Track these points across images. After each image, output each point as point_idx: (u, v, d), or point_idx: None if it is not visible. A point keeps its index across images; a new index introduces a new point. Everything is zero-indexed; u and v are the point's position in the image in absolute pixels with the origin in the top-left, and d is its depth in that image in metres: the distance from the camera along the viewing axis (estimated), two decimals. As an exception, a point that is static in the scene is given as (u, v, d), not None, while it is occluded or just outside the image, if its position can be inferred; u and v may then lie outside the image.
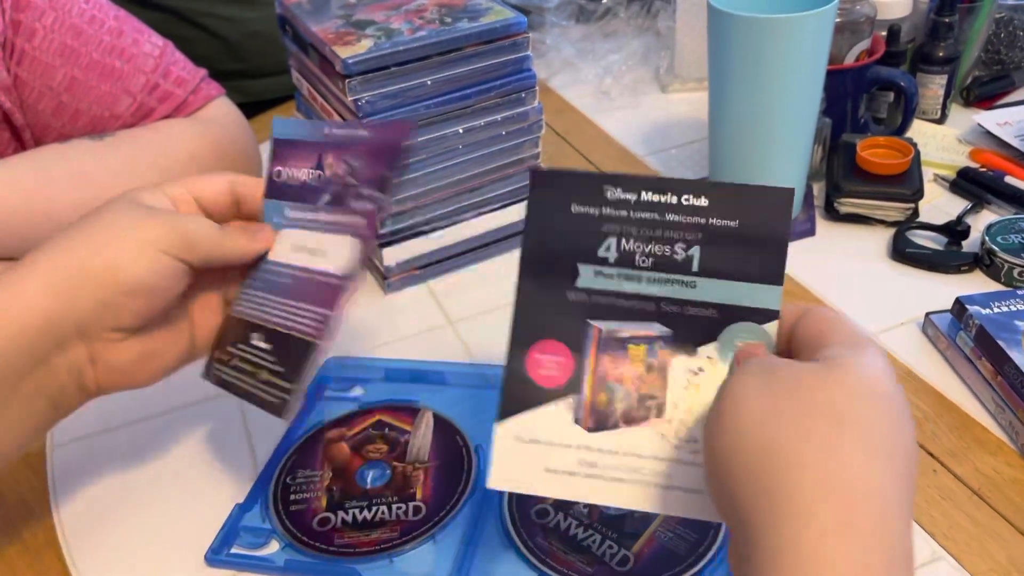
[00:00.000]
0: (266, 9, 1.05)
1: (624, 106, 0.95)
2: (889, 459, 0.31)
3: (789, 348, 0.37)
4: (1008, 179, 0.75)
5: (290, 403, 0.44)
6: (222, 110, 0.72)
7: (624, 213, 0.39)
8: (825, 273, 0.68)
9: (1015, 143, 0.79)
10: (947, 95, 0.85)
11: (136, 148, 0.65)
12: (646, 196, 0.39)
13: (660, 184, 0.39)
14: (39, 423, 0.44)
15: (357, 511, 0.50)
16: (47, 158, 0.62)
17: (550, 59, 1.02)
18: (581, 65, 1.01)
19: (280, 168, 0.50)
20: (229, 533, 0.49)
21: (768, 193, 0.37)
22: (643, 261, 0.38)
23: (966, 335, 0.57)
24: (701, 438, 0.36)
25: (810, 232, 0.72)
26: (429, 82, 0.63)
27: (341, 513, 0.50)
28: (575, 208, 0.39)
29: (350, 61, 0.60)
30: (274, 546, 0.49)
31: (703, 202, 0.38)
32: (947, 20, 0.82)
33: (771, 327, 0.37)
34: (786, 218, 0.37)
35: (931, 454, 0.52)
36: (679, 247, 0.38)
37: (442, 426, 0.55)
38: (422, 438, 0.54)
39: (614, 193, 0.39)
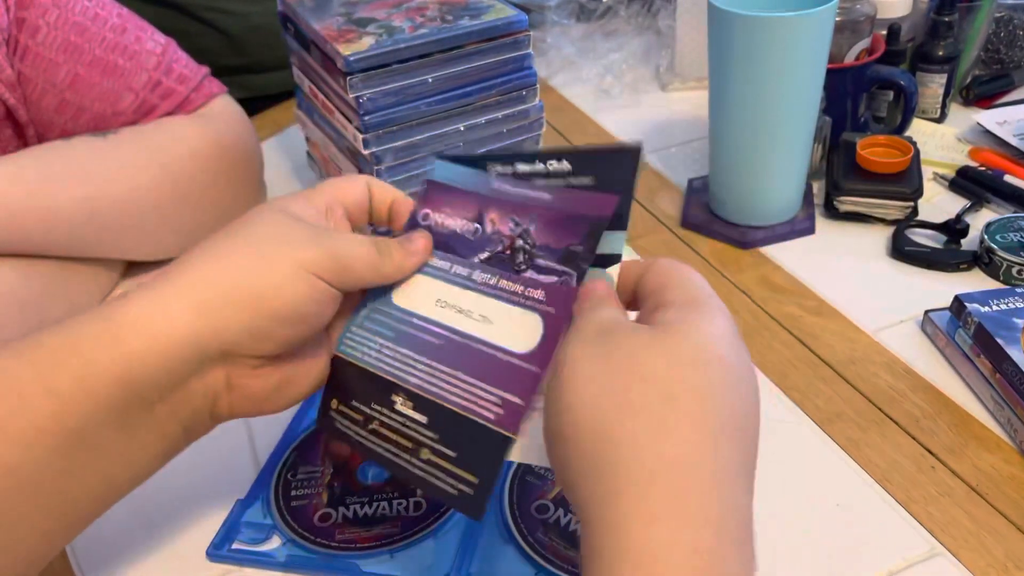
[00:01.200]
0: (268, 3, 1.05)
1: (624, 105, 0.95)
2: (722, 429, 0.30)
3: (635, 300, 0.37)
4: (1007, 178, 0.75)
5: (480, 501, 0.37)
6: (224, 107, 0.73)
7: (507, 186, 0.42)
8: (824, 271, 0.68)
9: (1014, 142, 0.79)
10: (947, 94, 0.85)
11: (138, 145, 0.66)
12: (521, 167, 0.41)
13: (530, 155, 0.41)
14: (168, 448, 0.40)
15: (358, 507, 0.50)
16: (50, 155, 0.62)
17: (551, 57, 1.03)
18: (582, 63, 1.01)
19: (428, 211, 0.44)
20: (231, 529, 0.50)
21: (618, 150, 0.39)
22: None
23: (965, 333, 0.57)
24: None
25: (810, 230, 0.72)
26: (430, 79, 0.63)
27: (342, 509, 0.50)
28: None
29: (351, 58, 0.60)
30: (275, 541, 0.49)
31: (565, 166, 0.40)
32: (947, 19, 0.82)
33: (613, 270, 0.38)
34: (631, 170, 0.38)
35: (930, 451, 0.53)
36: None
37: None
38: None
39: (494, 168, 0.42)
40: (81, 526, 0.38)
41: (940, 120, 0.86)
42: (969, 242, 0.68)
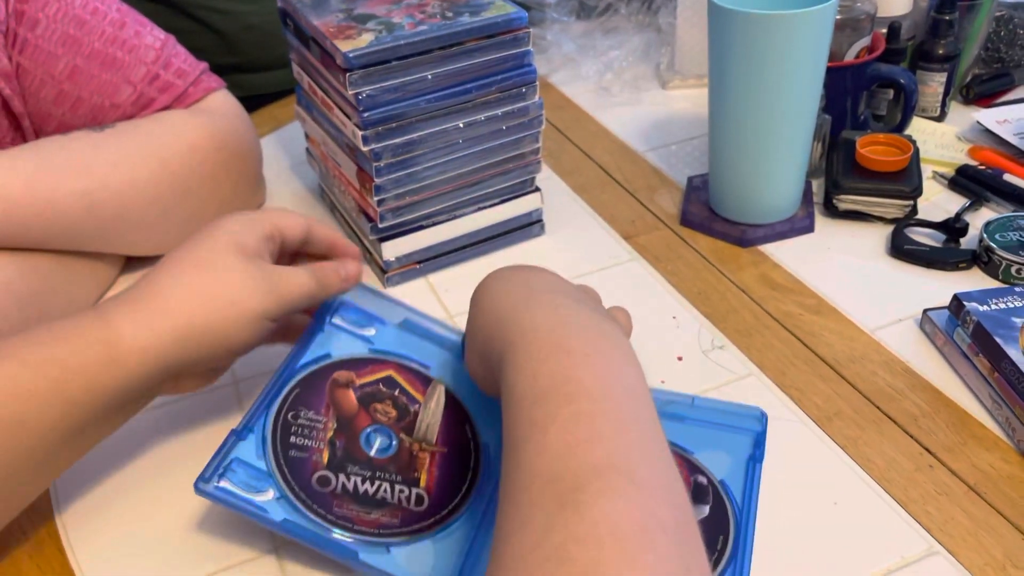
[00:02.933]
0: (263, 3, 1.05)
1: (624, 102, 0.95)
2: (542, 292, 0.45)
3: None
4: (1007, 177, 0.75)
5: None
6: (222, 102, 0.73)
7: None
8: (824, 270, 0.68)
9: (1014, 141, 0.79)
10: (947, 93, 0.85)
11: (137, 139, 0.66)
12: None
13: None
14: (126, 420, 0.50)
15: (359, 480, 0.48)
16: (48, 148, 0.62)
17: (551, 55, 1.03)
18: (582, 61, 1.01)
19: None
20: (221, 462, 0.47)
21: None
22: None
23: (963, 331, 0.57)
24: None
25: (809, 229, 0.72)
26: (430, 76, 0.63)
27: (342, 477, 0.48)
28: None
29: (351, 55, 0.60)
30: (270, 494, 0.47)
31: None
32: (947, 18, 0.82)
33: None
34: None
35: (928, 449, 0.53)
36: None
37: (452, 409, 0.53)
38: (432, 415, 0.52)
39: None
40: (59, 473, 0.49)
41: (940, 119, 0.86)
42: (968, 241, 0.68)
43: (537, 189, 0.72)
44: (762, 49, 0.63)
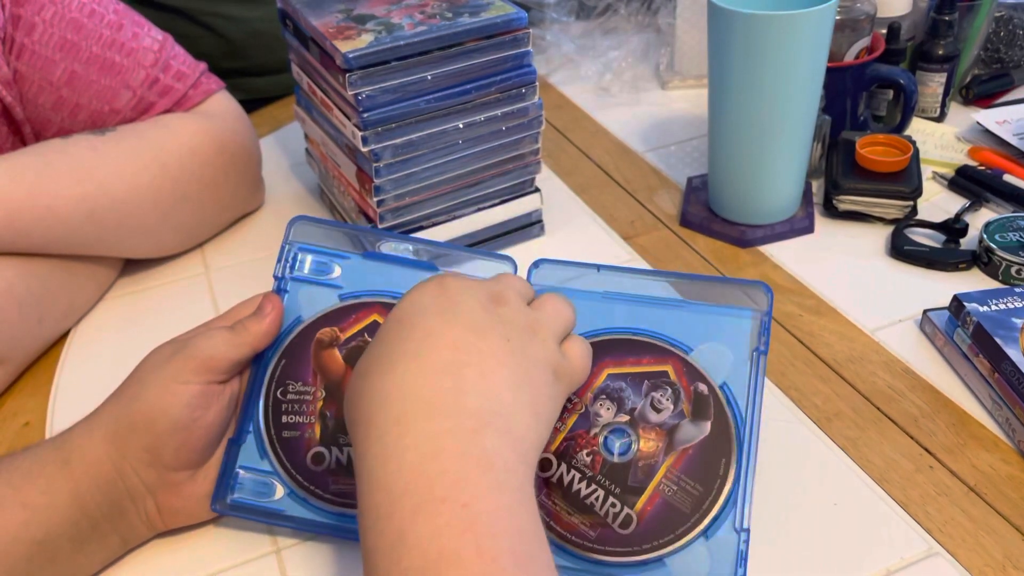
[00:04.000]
0: (268, 8, 1.05)
1: (624, 103, 0.95)
2: (404, 359, 0.38)
3: None
4: (1006, 177, 0.75)
5: None
6: (222, 104, 0.73)
7: None
8: (823, 270, 0.68)
9: (1014, 141, 0.79)
10: (946, 93, 0.85)
11: (137, 143, 0.65)
12: None
13: None
14: (108, 556, 0.47)
15: (351, 449, 0.47)
16: (49, 153, 0.62)
17: (550, 55, 1.03)
18: (581, 61, 1.01)
19: None
20: (228, 475, 0.47)
21: None
22: None
23: (963, 332, 0.57)
24: None
25: (809, 229, 0.72)
26: (429, 77, 0.63)
27: (335, 450, 0.48)
28: None
29: (351, 55, 0.60)
30: (279, 491, 0.47)
31: None
32: (947, 18, 0.82)
33: None
34: None
35: (928, 450, 0.53)
36: None
37: None
38: None
39: None
40: None
41: (940, 119, 0.86)
42: (968, 241, 0.68)
43: (537, 190, 0.72)
44: (762, 50, 0.63)
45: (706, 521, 0.44)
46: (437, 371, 0.38)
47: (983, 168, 0.77)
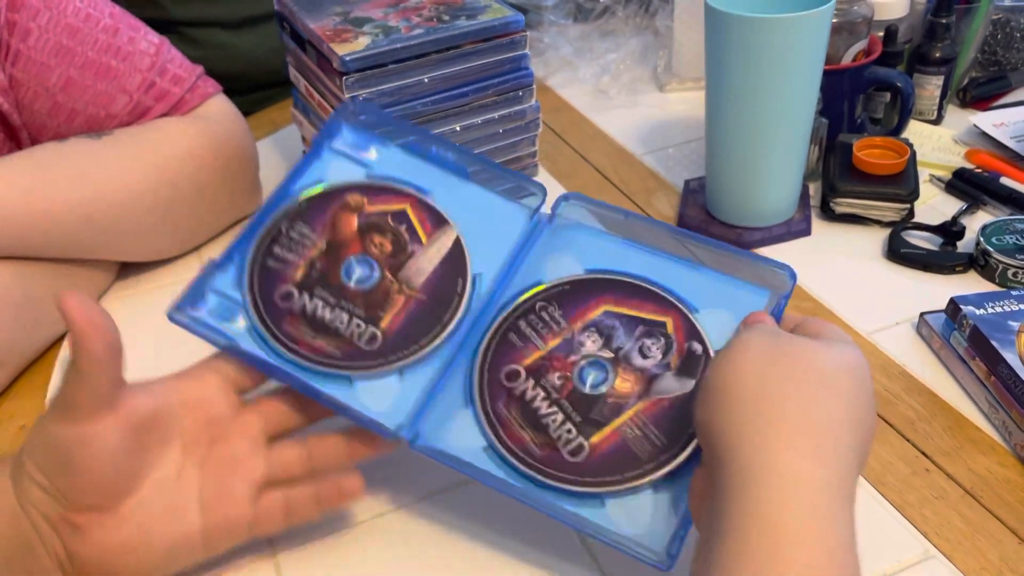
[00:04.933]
0: (274, 41, 1.03)
1: (621, 105, 0.95)
2: (857, 420, 0.38)
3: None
4: (1003, 180, 0.75)
5: None
6: (219, 108, 0.72)
7: None
8: (821, 273, 0.68)
9: (1011, 144, 0.79)
10: (943, 96, 0.85)
11: (134, 147, 0.65)
12: None
13: None
14: None
15: (321, 304, 0.47)
16: (46, 157, 0.62)
17: (548, 58, 1.03)
18: (579, 64, 1.01)
19: None
20: (196, 292, 0.46)
21: None
22: None
23: (960, 335, 0.57)
24: None
25: (806, 232, 0.72)
26: (426, 79, 0.63)
27: (306, 297, 0.47)
28: None
29: (348, 58, 0.60)
30: (241, 323, 0.46)
31: None
32: (944, 21, 0.82)
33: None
34: None
35: (924, 453, 0.53)
36: None
37: (453, 261, 0.50)
38: (427, 261, 0.49)
39: None
40: None
41: (937, 122, 0.86)
42: (965, 244, 0.68)
43: (534, 192, 0.72)
44: (759, 52, 0.63)
45: (660, 473, 0.43)
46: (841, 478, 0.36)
47: (980, 171, 0.77)
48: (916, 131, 0.84)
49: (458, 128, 0.65)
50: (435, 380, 0.46)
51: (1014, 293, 0.58)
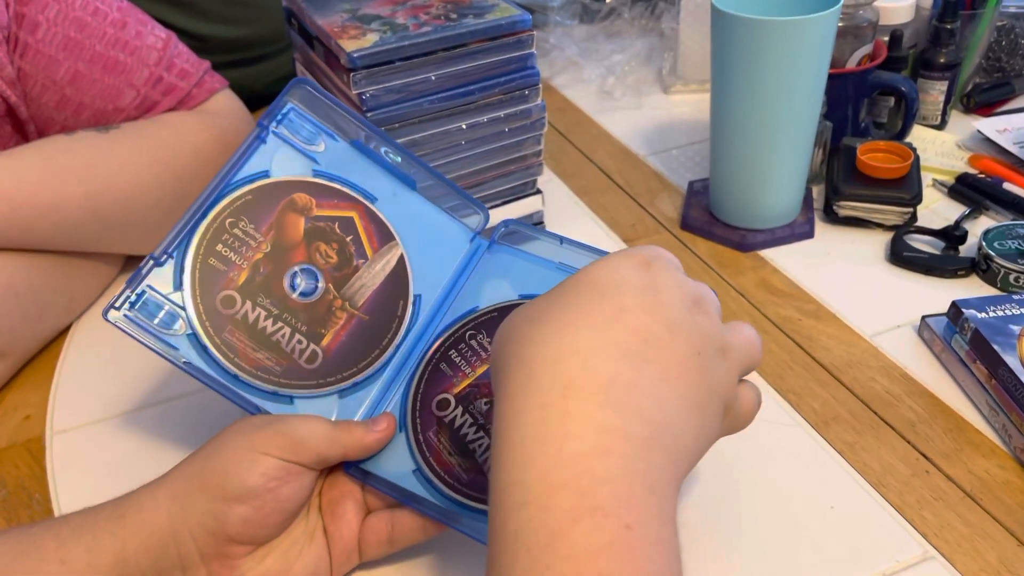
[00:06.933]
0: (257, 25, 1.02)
1: (626, 106, 0.95)
2: (587, 325, 0.34)
3: None
4: (1006, 185, 0.75)
5: None
6: (225, 103, 0.73)
7: None
8: (823, 275, 0.68)
9: (1014, 150, 0.79)
10: (947, 101, 0.85)
11: (141, 141, 0.66)
12: None
13: None
14: None
15: (263, 314, 0.46)
16: (53, 150, 0.62)
17: (553, 58, 1.03)
18: (584, 64, 1.01)
19: None
20: (134, 290, 0.45)
21: None
22: None
23: (961, 338, 0.57)
24: None
25: (809, 234, 0.72)
26: (433, 77, 0.63)
27: (248, 304, 0.46)
28: None
29: (355, 55, 0.60)
30: (180, 328, 0.45)
31: None
32: (949, 27, 0.82)
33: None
34: None
35: (924, 455, 0.53)
36: None
37: (397, 280, 0.49)
38: (372, 278, 0.49)
39: None
40: None
41: (940, 127, 0.86)
42: (967, 249, 0.69)
43: (538, 191, 0.73)
44: (764, 54, 0.63)
45: None
46: (619, 353, 0.33)
47: (983, 176, 0.77)
48: (920, 136, 0.84)
49: (464, 126, 0.65)
50: (372, 404, 0.48)
51: (1015, 297, 0.58)
